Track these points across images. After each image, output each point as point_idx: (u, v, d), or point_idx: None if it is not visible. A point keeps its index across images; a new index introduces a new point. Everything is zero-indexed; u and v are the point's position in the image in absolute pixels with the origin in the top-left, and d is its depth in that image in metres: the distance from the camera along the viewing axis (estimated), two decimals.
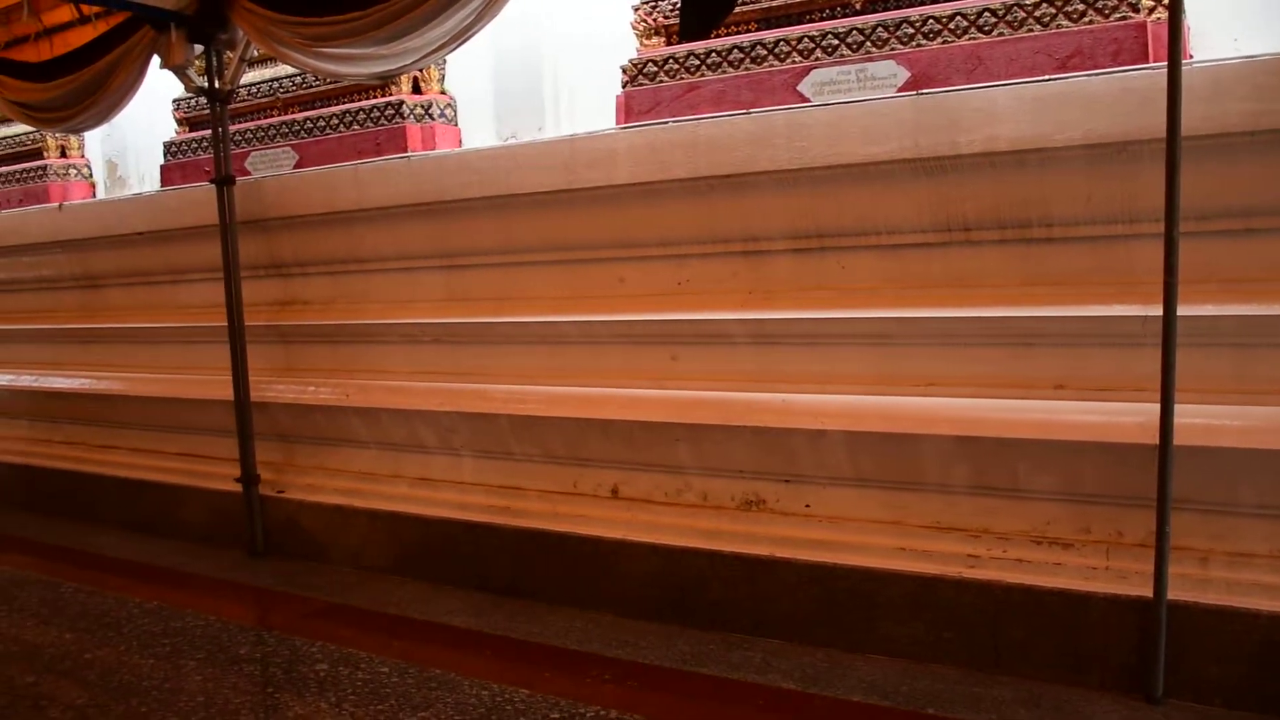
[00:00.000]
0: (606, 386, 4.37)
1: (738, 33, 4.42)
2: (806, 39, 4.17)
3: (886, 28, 4.01)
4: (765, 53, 4.25)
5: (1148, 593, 3.18)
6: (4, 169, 7.80)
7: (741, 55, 4.32)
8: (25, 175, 7.62)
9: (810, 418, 3.85)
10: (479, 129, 5.55)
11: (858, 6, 4.16)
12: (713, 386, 4.13)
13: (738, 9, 4.31)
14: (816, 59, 4.14)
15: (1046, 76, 3.61)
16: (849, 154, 3.79)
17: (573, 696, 3.53)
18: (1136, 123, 3.32)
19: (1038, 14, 3.74)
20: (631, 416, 4.23)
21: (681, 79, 4.45)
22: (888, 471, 3.78)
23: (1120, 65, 3.53)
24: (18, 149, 7.79)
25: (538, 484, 4.60)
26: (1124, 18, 3.62)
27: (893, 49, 3.99)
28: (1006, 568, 3.50)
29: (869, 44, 4.05)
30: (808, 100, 4.12)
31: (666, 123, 4.19)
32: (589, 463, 4.46)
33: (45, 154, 7.60)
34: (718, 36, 4.40)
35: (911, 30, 3.96)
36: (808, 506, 3.96)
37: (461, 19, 3.97)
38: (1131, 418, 3.29)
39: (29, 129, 7.47)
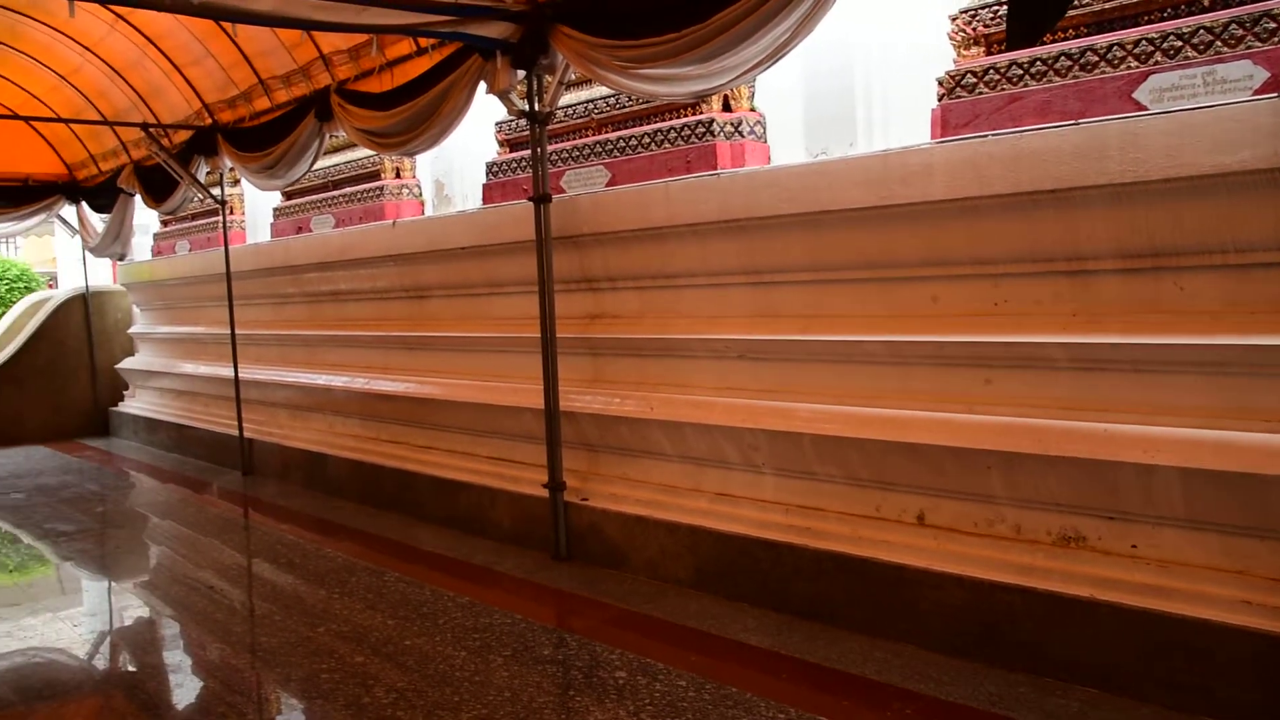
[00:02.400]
0: (915, 409, 4.22)
1: (1065, 39, 4.18)
2: (1144, 42, 3.87)
3: (1242, 24, 3.66)
4: (1096, 59, 3.99)
5: None
6: (348, 189, 8.54)
7: (1069, 63, 4.07)
8: (365, 195, 8.30)
9: (1138, 450, 3.56)
10: (789, 145, 5.53)
11: (1206, 4, 3.82)
12: (1030, 413, 3.90)
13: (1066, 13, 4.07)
14: (1155, 63, 3.84)
15: None
16: (1192, 165, 3.47)
17: None
18: None
19: None
20: (941, 441, 4.06)
21: (1002, 90, 4.25)
22: (1229, 515, 3.43)
23: None
24: (359, 171, 8.51)
25: (839, 506, 4.51)
26: None
27: (1248, 47, 3.64)
28: None
29: (1219, 44, 3.71)
30: (1144, 108, 3.83)
31: (986, 136, 4.00)
32: (893, 487, 4.32)
33: (382, 175, 8.26)
34: (1043, 44, 4.17)
35: (1274, 25, 3.58)
36: (1134, 547, 3.66)
37: (777, 36, 3.95)
38: None
39: (370, 153, 8.13)
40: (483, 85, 5.51)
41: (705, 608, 4.69)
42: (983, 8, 4.43)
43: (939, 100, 4.49)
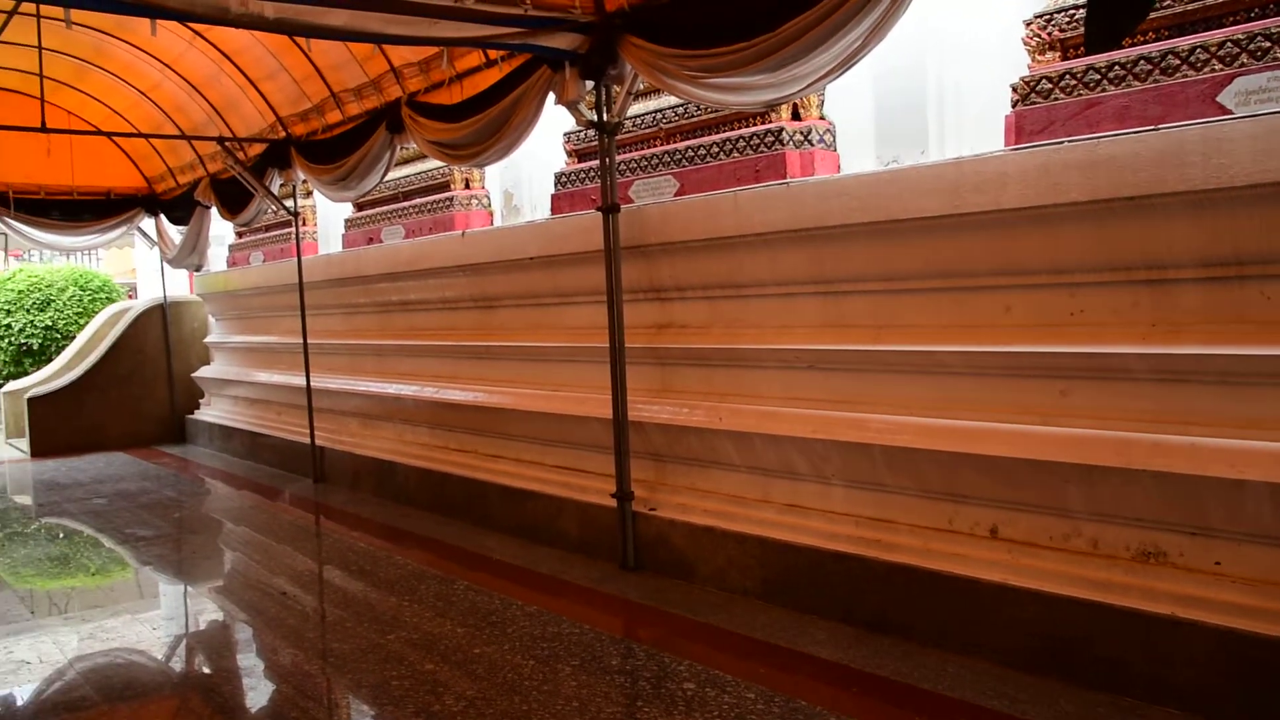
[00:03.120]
0: (988, 420, 4.15)
1: (1145, 42, 4.08)
2: (1230, 44, 3.77)
3: None
4: (1178, 62, 3.90)
5: None
6: (418, 200, 8.63)
7: (1149, 66, 3.98)
8: (435, 206, 8.39)
9: (1225, 465, 3.46)
10: (859, 154, 5.47)
11: None
12: (1108, 425, 3.81)
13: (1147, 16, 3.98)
14: (1241, 65, 3.74)
15: None
16: None
17: None
18: None
19: None
20: (1015, 453, 3.99)
21: (1079, 95, 4.17)
22: None
23: None
24: (429, 183, 8.60)
25: (910, 518, 4.45)
26: None
27: None
28: None
29: None
30: (1229, 112, 3.72)
31: (1061, 142, 3.93)
32: (966, 499, 4.25)
33: (452, 186, 8.34)
34: (1121, 48, 4.09)
35: None
36: (1218, 564, 3.56)
37: (848, 44, 3.92)
38: None
39: (439, 164, 8.22)
40: (551, 96, 5.54)
41: (774, 619, 4.65)
42: (1058, 12, 4.35)
43: (1013, 106, 4.41)
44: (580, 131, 6.81)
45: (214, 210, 10.40)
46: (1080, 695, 3.67)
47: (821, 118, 5.50)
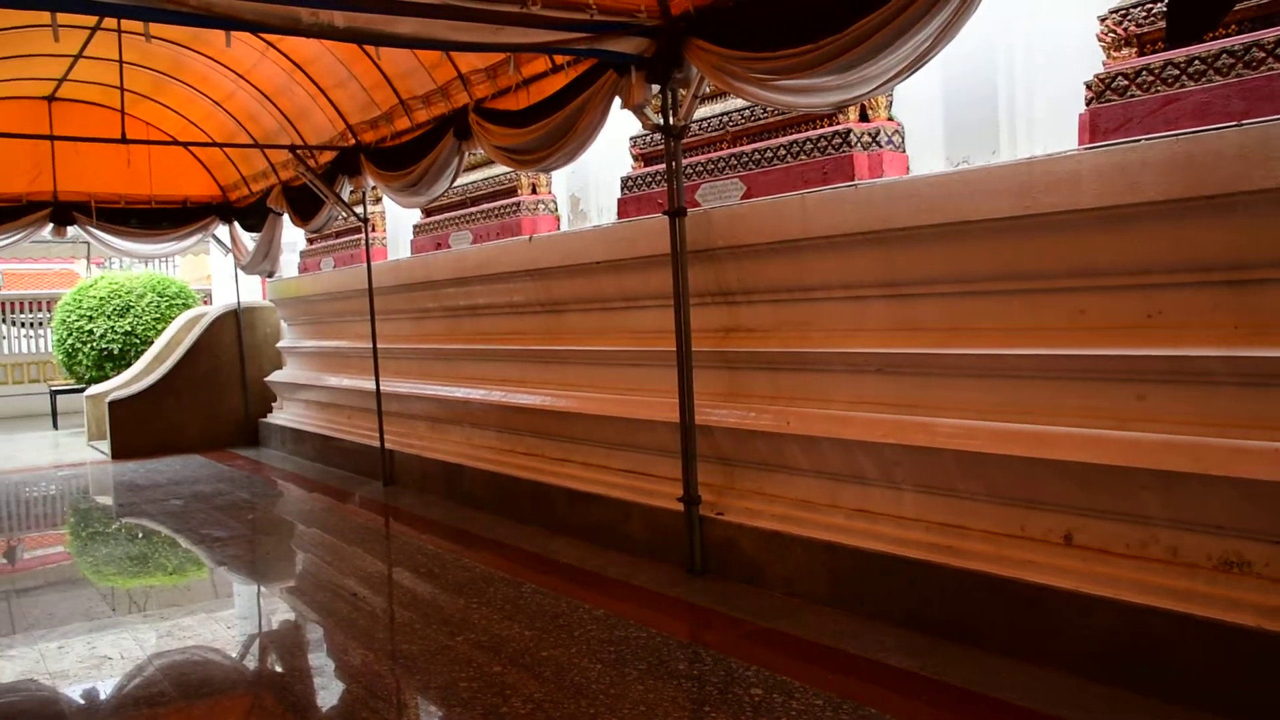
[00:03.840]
0: (1062, 425, 4.06)
1: (1227, 35, 3.97)
2: None
3: None
4: (1263, 55, 3.78)
5: None
6: (486, 206, 8.70)
7: (1232, 60, 3.87)
8: (502, 211, 8.45)
9: None
10: (929, 155, 5.40)
11: None
12: (1188, 430, 3.71)
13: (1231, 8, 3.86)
14: None
15: None
16: None
17: None
18: None
19: None
20: (1090, 459, 3.90)
21: (1156, 92, 4.07)
22: None
23: None
24: (496, 188, 8.67)
25: (982, 524, 4.37)
26: None
27: None
28: None
29: None
30: None
31: (1138, 140, 3.83)
32: (1039, 505, 4.17)
33: (519, 191, 8.40)
34: (1201, 42, 3.98)
35: None
36: None
37: (918, 44, 3.87)
38: None
39: (506, 170, 8.27)
40: (617, 100, 5.55)
41: (842, 625, 4.60)
42: (1135, 6, 4.25)
43: (1087, 105, 4.33)
44: (646, 135, 6.82)
45: (285, 217, 10.58)
46: (1157, 707, 3.57)
47: (890, 119, 5.44)
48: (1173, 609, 3.61)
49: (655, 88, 5.41)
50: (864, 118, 5.40)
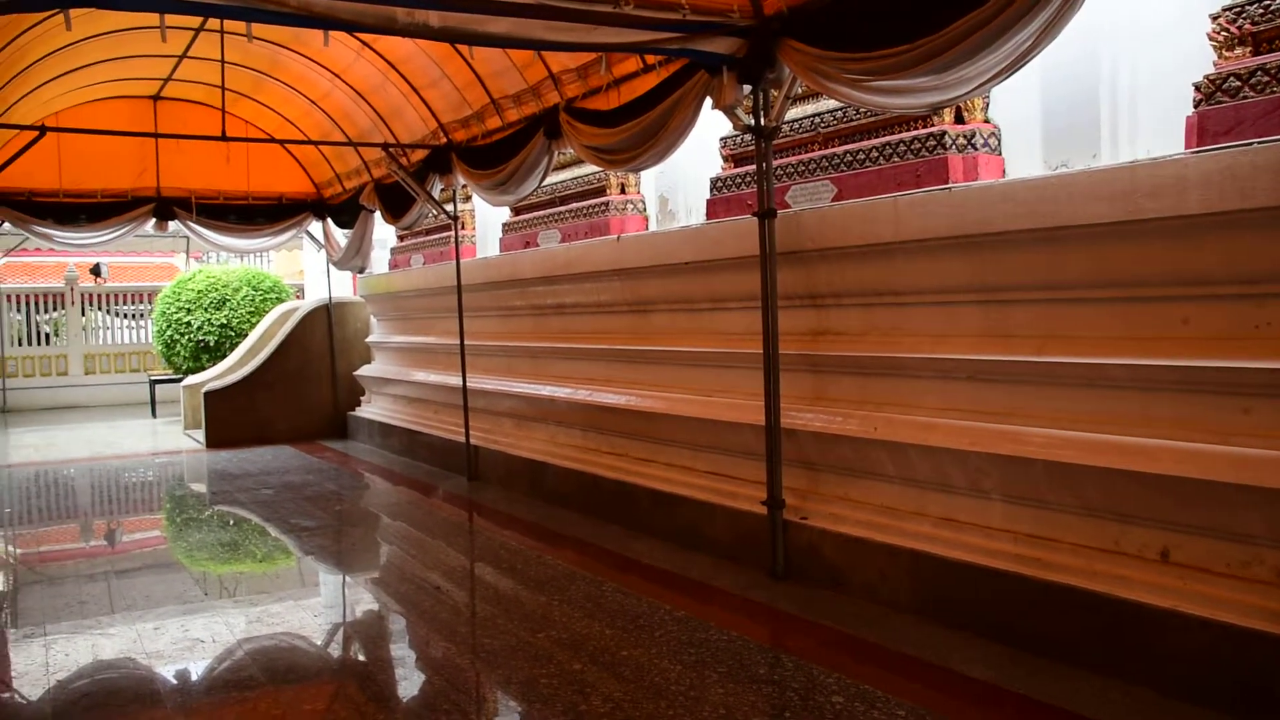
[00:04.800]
0: (1161, 438, 3.93)
1: None
2: None
3: None
4: None
5: None
6: (574, 205, 8.74)
7: None
8: (590, 210, 8.48)
9: None
10: (1026, 158, 5.28)
11: None
12: None
13: None
14: None
15: None
16: None
17: None
18: None
19: None
20: (1190, 474, 3.77)
21: (1272, 93, 3.92)
22: None
23: None
24: (585, 188, 8.70)
25: (1073, 537, 4.26)
26: None
27: None
28: None
29: None
30: None
31: (1250, 144, 3.70)
32: (1133, 520, 4.05)
33: (608, 191, 8.41)
34: None
35: None
36: None
37: (1018, 44, 3.78)
38: None
39: (595, 169, 8.30)
40: (708, 101, 5.53)
41: (925, 635, 4.53)
42: (1250, 3, 4.10)
43: (1195, 106, 4.19)
44: (736, 136, 6.78)
45: (377, 214, 10.76)
46: None
47: (986, 121, 5.33)
48: (1276, 632, 3.47)
49: (746, 88, 5.38)
50: (959, 120, 5.30)
